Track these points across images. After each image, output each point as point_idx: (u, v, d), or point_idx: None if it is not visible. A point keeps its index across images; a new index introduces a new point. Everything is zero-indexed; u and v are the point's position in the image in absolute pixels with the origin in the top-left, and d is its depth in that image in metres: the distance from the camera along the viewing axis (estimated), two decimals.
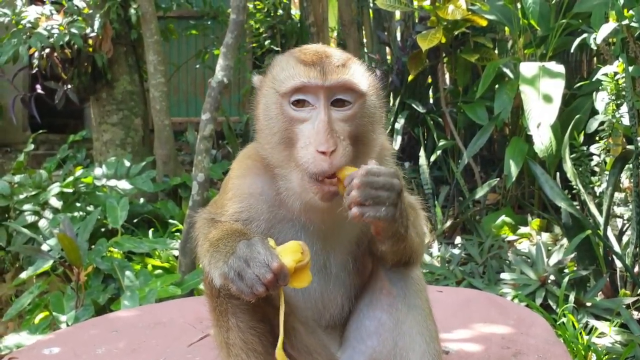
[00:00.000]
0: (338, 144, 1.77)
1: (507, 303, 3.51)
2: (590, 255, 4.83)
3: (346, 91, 1.85)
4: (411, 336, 1.94)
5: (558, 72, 5.63)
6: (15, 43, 7.62)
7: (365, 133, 1.88)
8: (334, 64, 1.86)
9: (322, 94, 1.83)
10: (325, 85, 1.82)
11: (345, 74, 1.85)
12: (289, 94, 1.86)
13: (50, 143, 11.09)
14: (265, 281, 1.64)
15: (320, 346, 2.06)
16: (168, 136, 8.14)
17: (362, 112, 1.88)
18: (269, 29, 10.95)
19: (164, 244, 6.04)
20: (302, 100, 1.85)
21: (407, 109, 7.93)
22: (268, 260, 1.65)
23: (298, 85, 1.84)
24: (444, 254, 5.71)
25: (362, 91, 1.87)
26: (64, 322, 4.79)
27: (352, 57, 1.98)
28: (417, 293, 2.00)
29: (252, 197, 2.01)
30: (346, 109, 1.85)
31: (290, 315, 1.97)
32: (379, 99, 1.97)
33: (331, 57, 1.89)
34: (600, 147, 5.12)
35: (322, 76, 1.82)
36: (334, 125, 1.80)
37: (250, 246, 1.71)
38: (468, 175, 7.51)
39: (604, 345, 4.03)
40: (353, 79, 1.86)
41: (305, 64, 1.86)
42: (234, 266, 1.69)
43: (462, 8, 6.48)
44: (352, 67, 1.89)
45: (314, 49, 1.94)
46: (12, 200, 6.77)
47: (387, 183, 1.72)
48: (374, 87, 1.96)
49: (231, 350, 1.92)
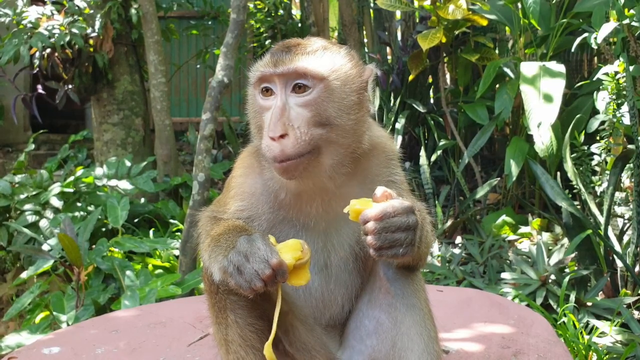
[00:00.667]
0: (289, 130, 1.79)
1: (507, 303, 3.51)
2: (591, 254, 4.83)
3: (302, 77, 1.84)
4: (409, 336, 1.94)
5: (559, 71, 5.63)
6: (16, 43, 7.62)
7: (332, 118, 1.85)
8: (293, 52, 1.87)
9: (277, 82, 1.86)
10: (277, 72, 1.85)
11: (299, 60, 1.85)
12: (256, 83, 1.92)
13: (51, 143, 11.11)
14: (263, 277, 1.65)
15: (319, 344, 2.06)
16: (169, 136, 8.15)
17: (325, 96, 1.85)
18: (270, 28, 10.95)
19: (165, 244, 6.04)
20: (269, 89, 1.89)
21: (408, 109, 7.94)
22: (267, 256, 1.67)
23: (259, 75, 1.90)
24: (445, 254, 5.71)
25: (319, 75, 1.84)
26: (64, 322, 4.79)
27: (327, 44, 1.96)
28: (416, 293, 2.00)
29: (253, 196, 2.02)
30: (305, 94, 1.84)
31: (289, 314, 1.98)
32: (352, 84, 1.91)
33: (297, 46, 1.91)
34: (601, 147, 5.11)
35: (275, 64, 1.86)
36: (289, 112, 1.82)
37: (250, 241, 1.72)
38: (469, 175, 7.52)
39: (604, 344, 4.03)
40: (306, 64, 1.84)
41: (271, 54, 1.91)
42: (233, 260, 1.70)
43: (463, 8, 6.48)
44: (313, 54, 1.88)
45: (287, 41, 1.97)
46: (13, 200, 6.78)
47: (403, 224, 1.71)
48: (343, 72, 1.90)
49: (230, 347, 1.93)
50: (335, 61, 1.90)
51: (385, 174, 2.05)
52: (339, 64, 1.91)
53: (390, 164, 2.08)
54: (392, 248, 1.70)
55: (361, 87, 1.93)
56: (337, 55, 1.93)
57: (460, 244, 6.09)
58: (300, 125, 1.81)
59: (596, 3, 5.63)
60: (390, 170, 2.07)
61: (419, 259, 1.96)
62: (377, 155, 2.05)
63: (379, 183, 1.99)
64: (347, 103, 1.88)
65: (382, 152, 2.06)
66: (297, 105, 1.83)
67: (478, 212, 6.68)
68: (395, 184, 2.05)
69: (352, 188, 1.98)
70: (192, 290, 5.17)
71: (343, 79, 1.89)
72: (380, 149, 2.07)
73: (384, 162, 2.06)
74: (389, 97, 8.43)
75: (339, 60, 1.92)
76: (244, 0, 5.78)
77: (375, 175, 2.03)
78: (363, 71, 1.97)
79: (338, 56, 1.93)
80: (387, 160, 2.07)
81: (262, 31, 10.99)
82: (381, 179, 2.03)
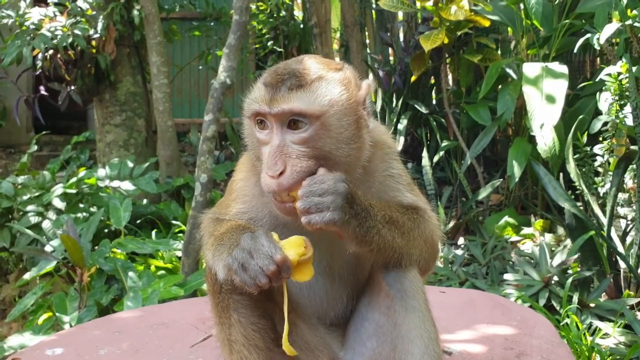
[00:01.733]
0: (287, 165, 1.79)
1: (510, 304, 3.50)
2: (593, 256, 4.82)
3: (298, 115, 1.81)
4: (409, 339, 1.94)
5: (561, 72, 5.62)
6: (19, 44, 7.63)
7: (332, 151, 1.83)
8: (287, 87, 1.82)
9: (272, 120, 1.84)
10: (272, 113, 1.82)
11: (294, 100, 1.80)
12: (251, 117, 1.91)
13: (53, 144, 11.13)
14: (268, 272, 1.67)
15: (321, 344, 2.06)
16: (171, 137, 8.15)
17: (322, 133, 1.82)
18: (272, 30, 10.97)
19: (167, 245, 6.04)
20: (263, 122, 1.87)
21: (410, 110, 7.94)
22: (272, 252, 1.68)
23: (253, 111, 1.88)
24: (447, 255, 5.71)
25: (314, 115, 1.81)
26: (67, 323, 4.80)
27: (322, 72, 1.89)
28: (415, 295, 1.98)
29: (255, 198, 2.03)
30: (301, 132, 1.81)
31: (292, 312, 1.97)
32: (350, 116, 1.87)
33: (290, 78, 1.84)
34: (603, 148, 5.11)
35: (270, 103, 1.82)
36: (286, 149, 1.81)
37: (254, 238, 1.73)
38: (471, 176, 7.52)
39: (607, 346, 4.02)
40: (301, 105, 1.80)
41: (265, 87, 1.87)
42: (238, 257, 1.72)
43: (465, 9, 6.48)
44: (308, 89, 1.83)
45: (281, 69, 1.90)
46: (15, 201, 6.79)
47: (330, 188, 1.72)
48: (340, 105, 1.85)
49: (233, 347, 1.93)
50: (331, 95, 1.84)
51: (382, 168, 2.04)
52: (336, 98, 1.84)
53: (387, 158, 2.06)
54: (319, 213, 1.71)
55: (358, 115, 1.89)
56: (332, 86, 1.86)
57: (463, 245, 6.08)
58: (300, 160, 1.80)
59: (599, 4, 5.62)
60: (388, 164, 2.05)
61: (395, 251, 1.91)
62: (374, 152, 2.02)
63: (377, 177, 2.00)
64: (346, 136, 1.85)
65: (380, 148, 2.05)
66: (294, 142, 1.82)
67: (480, 213, 6.68)
68: (392, 178, 2.04)
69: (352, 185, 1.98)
70: (195, 291, 5.17)
71: (339, 114, 1.85)
72: (379, 145, 2.05)
73: (381, 157, 2.05)
74: (391, 98, 8.43)
75: (335, 92, 1.85)
76: (247, 2, 5.78)
77: (373, 171, 2.02)
78: (357, 92, 1.92)
79: (333, 87, 1.86)
80: (384, 154, 2.06)
81: (264, 32, 11.01)
82: (379, 174, 2.02)
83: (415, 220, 1.98)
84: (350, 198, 1.77)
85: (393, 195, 2.02)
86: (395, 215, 1.91)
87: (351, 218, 1.77)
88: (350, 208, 1.77)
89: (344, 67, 1.97)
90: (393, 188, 2.03)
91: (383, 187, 2.02)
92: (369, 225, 1.82)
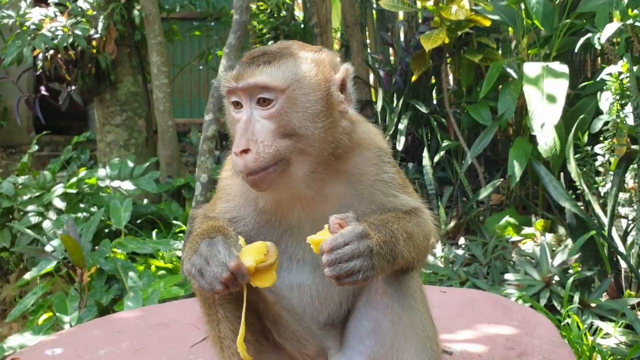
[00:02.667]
0: (251, 145, 1.79)
1: (511, 304, 3.50)
2: (594, 255, 4.82)
3: (263, 90, 1.83)
4: (406, 337, 1.94)
5: (562, 72, 5.62)
6: (19, 44, 7.64)
7: (297, 128, 1.82)
8: (256, 64, 1.85)
9: (242, 96, 1.86)
10: (239, 87, 1.84)
11: (259, 73, 1.82)
12: (227, 96, 1.93)
13: (54, 144, 11.13)
14: (222, 279, 1.69)
15: (307, 334, 2.06)
16: (171, 137, 8.16)
17: (288, 107, 1.82)
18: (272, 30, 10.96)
19: (168, 245, 6.04)
20: (238, 102, 1.89)
21: (411, 110, 7.93)
22: (225, 260, 1.70)
23: (226, 89, 1.90)
24: (448, 255, 5.70)
25: (278, 87, 1.82)
26: (67, 323, 4.80)
27: (292, 50, 1.91)
28: (412, 294, 1.99)
29: (236, 198, 2.04)
30: (269, 107, 1.82)
31: (276, 305, 2.00)
32: (316, 92, 1.86)
33: (262, 56, 1.87)
34: (604, 147, 5.10)
35: (237, 79, 1.85)
36: (253, 126, 1.82)
37: (211, 245, 1.76)
38: (472, 176, 7.51)
39: (608, 346, 4.01)
40: (265, 78, 1.82)
41: (238, 66, 1.90)
42: (195, 264, 1.75)
43: (466, 8, 6.47)
44: (274, 64, 1.85)
45: (256, 50, 1.93)
46: (16, 201, 6.79)
47: (355, 251, 1.71)
48: (306, 81, 1.85)
49: (223, 344, 1.96)
50: (297, 70, 1.86)
51: (371, 172, 2.00)
52: (302, 73, 1.85)
53: (378, 161, 2.02)
54: (350, 276, 1.71)
55: (328, 93, 1.88)
56: (300, 62, 1.87)
57: (464, 245, 6.08)
58: (265, 138, 1.80)
59: (600, 3, 5.61)
60: (379, 168, 2.01)
61: (406, 263, 1.92)
62: (362, 153, 2.00)
63: (366, 182, 1.98)
64: (312, 112, 1.84)
65: (367, 149, 2.01)
66: (262, 117, 1.82)
67: (481, 213, 6.67)
68: (384, 182, 2.01)
69: (337, 187, 1.96)
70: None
71: (306, 89, 1.85)
72: (366, 146, 2.01)
73: (371, 159, 2.01)
74: (392, 98, 8.43)
75: (302, 68, 1.86)
76: (247, 1, 5.78)
77: (361, 174, 1.99)
78: (332, 74, 1.92)
79: (301, 64, 1.87)
80: (375, 157, 2.02)
81: (265, 32, 11.00)
82: (368, 178, 1.99)
83: (419, 224, 1.98)
84: (376, 249, 1.76)
85: (387, 200, 2.00)
86: (408, 226, 1.91)
87: (382, 263, 1.77)
88: (379, 257, 1.76)
89: (321, 50, 1.97)
90: (387, 193, 2.00)
91: (374, 191, 1.99)
92: (395, 254, 1.82)
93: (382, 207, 1.98)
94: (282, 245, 1.99)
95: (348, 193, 1.96)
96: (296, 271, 2.02)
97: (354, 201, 1.97)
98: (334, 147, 1.89)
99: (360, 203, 1.97)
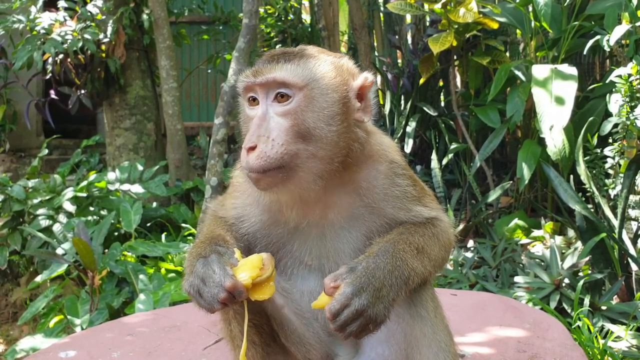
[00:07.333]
0: (261, 142, 1.78)
1: (522, 306, 3.49)
2: (605, 258, 4.80)
3: (282, 86, 1.83)
4: (418, 348, 1.93)
5: (570, 74, 5.60)
6: (29, 49, 7.70)
7: (311, 129, 1.80)
8: (275, 61, 1.86)
9: (259, 92, 1.86)
10: (257, 82, 1.84)
11: (279, 69, 1.83)
12: (243, 93, 1.94)
13: (64, 148, 11.20)
14: (220, 299, 1.70)
15: (314, 339, 2.05)
16: (180, 140, 8.19)
17: (305, 105, 1.82)
18: (280, 33, 10.99)
19: (177, 248, 6.06)
20: (255, 98, 1.89)
21: (419, 112, 7.93)
22: (221, 280, 1.71)
23: (243, 85, 1.91)
24: (457, 258, 5.69)
25: (297, 84, 1.81)
26: (78, 326, 4.82)
27: (313, 52, 1.91)
28: (423, 303, 1.97)
29: (246, 195, 2.04)
30: (286, 103, 1.82)
31: (284, 307, 1.99)
32: (334, 94, 1.85)
33: (282, 55, 1.88)
34: (614, 150, 5.08)
35: (256, 74, 1.85)
36: (268, 122, 1.81)
37: (206, 265, 1.77)
38: (480, 179, 7.49)
39: (620, 349, 4.00)
40: (285, 74, 1.82)
41: (257, 63, 1.92)
42: (193, 285, 1.77)
43: (474, 11, 6.46)
44: (294, 62, 1.85)
45: (277, 50, 1.96)
46: (26, 205, 6.84)
47: (359, 307, 1.69)
48: (325, 81, 1.85)
49: (234, 342, 2.00)
50: (316, 70, 1.86)
51: (382, 186, 1.97)
52: (321, 73, 1.85)
53: (390, 174, 1.99)
54: (362, 332, 1.72)
55: (346, 97, 1.87)
56: (320, 63, 1.87)
57: (473, 248, 6.06)
58: (277, 136, 1.78)
59: (608, 5, 5.60)
60: (390, 182, 1.98)
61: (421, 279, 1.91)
62: (373, 166, 1.98)
63: (376, 196, 1.95)
64: (328, 113, 1.83)
65: (379, 163, 1.99)
66: (277, 114, 1.82)
67: (490, 215, 6.66)
68: (396, 197, 1.98)
69: (343, 197, 1.95)
70: None
71: (324, 89, 1.84)
72: (378, 159, 1.99)
73: (383, 172, 1.98)
74: (400, 101, 8.43)
75: (322, 69, 1.86)
76: (256, 5, 5.81)
77: (372, 186, 1.96)
78: (351, 80, 1.91)
79: (322, 64, 1.87)
80: (387, 170, 1.99)
81: (273, 36, 11.04)
82: (378, 191, 1.96)
83: (434, 235, 1.96)
84: (381, 289, 1.75)
85: (400, 214, 1.97)
86: (419, 241, 1.90)
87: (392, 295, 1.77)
88: (385, 296, 1.75)
89: (341, 56, 1.98)
90: (399, 207, 1.97)
91: (385, 206, 1.97)
92: (406, 277, 1.81)
93: (395, 221, 1.96)
94: (288, 249, 2.00)
95: (357, 204, 1.95)
96: (306, 277, 2.01)
97: (363, 213, 1.96)
98: (345, 155, 1.87)
99: (371, 215, 1.96)
